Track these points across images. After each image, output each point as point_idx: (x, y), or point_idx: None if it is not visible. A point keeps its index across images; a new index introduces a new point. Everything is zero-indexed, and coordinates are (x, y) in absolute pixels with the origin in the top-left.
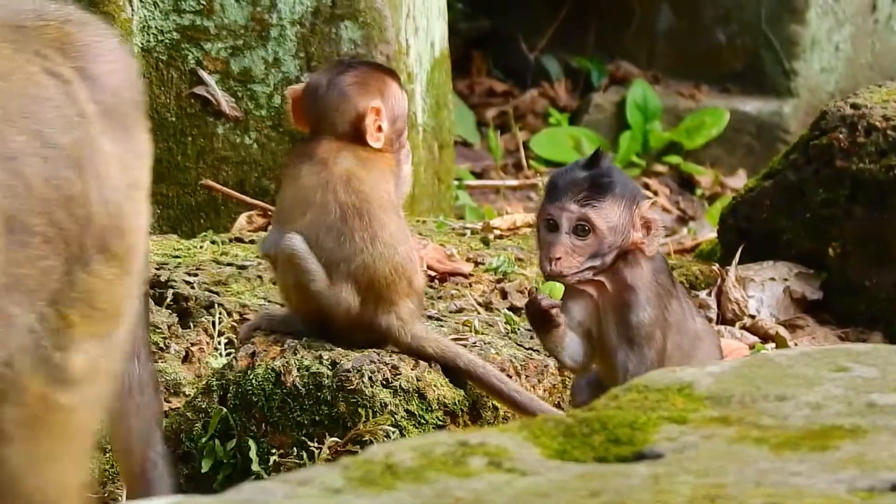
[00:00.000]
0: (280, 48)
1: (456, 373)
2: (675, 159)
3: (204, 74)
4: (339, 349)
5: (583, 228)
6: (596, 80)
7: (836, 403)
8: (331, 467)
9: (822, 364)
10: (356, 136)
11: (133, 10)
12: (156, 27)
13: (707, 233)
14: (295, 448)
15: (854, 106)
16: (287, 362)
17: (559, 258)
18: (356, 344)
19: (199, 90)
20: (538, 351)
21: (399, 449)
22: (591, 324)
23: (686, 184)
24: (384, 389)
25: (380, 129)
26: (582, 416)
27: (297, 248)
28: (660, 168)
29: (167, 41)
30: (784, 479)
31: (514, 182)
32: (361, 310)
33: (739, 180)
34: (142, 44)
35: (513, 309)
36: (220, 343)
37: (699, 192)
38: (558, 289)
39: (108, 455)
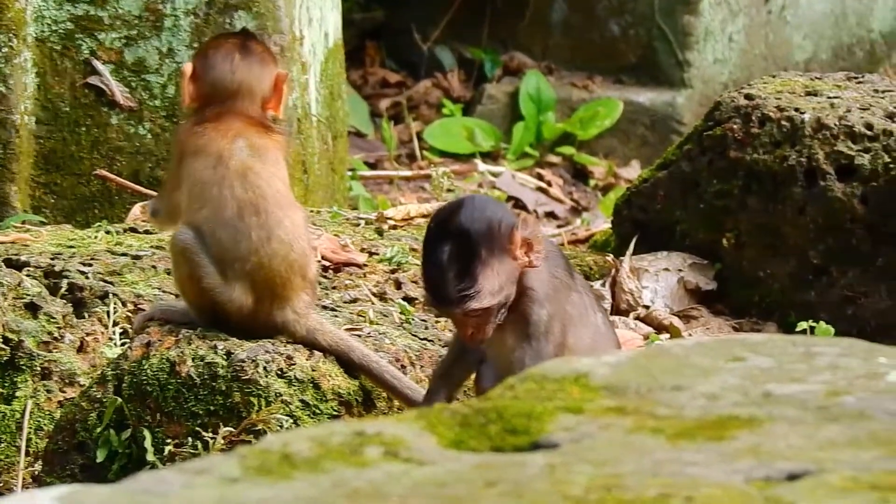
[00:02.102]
0: (174, 38)
1: (350, 366)
2: (568, 150)
3: (98, 64)
4: (234, 339)
5: (475, 316)
6: (489, 71)
7: (732, 393)
8: (227, 457)
9: (718, 354)
10: (263, 106)
11: None
12: (49, 17)
13: (601, 223)
14: (190, 438)
15: (748, 97)
16: (182, 352)
17: (472, 333)
18: (252, 337)
19: (93, 80)
20: (432, 341)
21: (296, 439)
22: None
23: (580, 174)
24: (279, 379)
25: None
26: (478, 406)
27: (188, 243)
28: (553, 159)
29: (61, 31)
30: (680, 469)
31: (407, 173)
32: (256, 307)
33: (633, 171)
34: (35, 34)
35: (407, 299)
36: (114, 333)
37: (593, 182)
38: None
39: (1, 445)
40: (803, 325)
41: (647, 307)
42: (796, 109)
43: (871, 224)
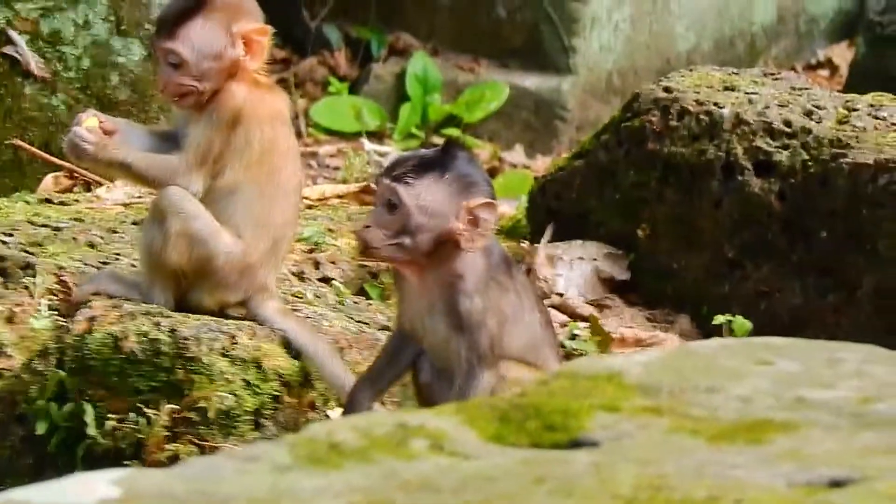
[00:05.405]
0: (90, 11)
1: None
2: (454, 132)
3: (13, 34)
4: (178, 317)
5: (391, 203)
6: (376, 51)
7: (765, 397)
8: (276, 444)
9: (746, 357)
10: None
11: None
12: None
13: None
14: (132, 413)
15: (667, 89)
16: (125, 328)
17: (367, 226)
18: (220, 302)
19: (8, 50)
20: (367, 324)
21: (339, 428)
22: (418, 313)
23: None
24: (222, 358)
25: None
26: (516, 402)
27: (183, 196)
28: (438, 140)
29: None
30: (724, 472)
31: None
32: (259, 266)
33: (517, 155)
34: None
35: (325, 280)
36: (41, 305)
37: None
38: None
39: None
40: (720, 318)
41: (560, 295)
42: (715, 104)
43: (787, 220)
